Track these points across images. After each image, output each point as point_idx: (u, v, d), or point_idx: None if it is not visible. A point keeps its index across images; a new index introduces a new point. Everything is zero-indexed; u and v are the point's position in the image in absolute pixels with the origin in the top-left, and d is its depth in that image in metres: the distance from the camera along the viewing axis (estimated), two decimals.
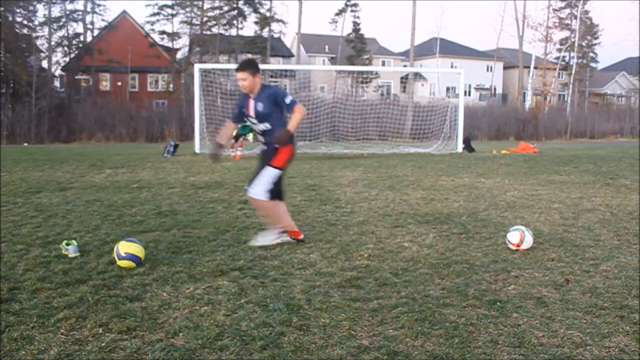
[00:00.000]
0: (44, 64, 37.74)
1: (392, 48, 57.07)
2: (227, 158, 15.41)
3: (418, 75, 48.63)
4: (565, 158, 15.64)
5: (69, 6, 39.37)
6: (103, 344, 2.84)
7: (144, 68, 40.56)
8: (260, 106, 4.84)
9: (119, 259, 4.20)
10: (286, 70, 36.87)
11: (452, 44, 55.91)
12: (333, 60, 47.77)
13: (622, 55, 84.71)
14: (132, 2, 61.42)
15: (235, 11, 41.86)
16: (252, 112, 4.91)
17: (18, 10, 35.71)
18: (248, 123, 5.16)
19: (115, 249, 4.26)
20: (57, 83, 41.01)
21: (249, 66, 4.84)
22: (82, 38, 40.14)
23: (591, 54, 51.39)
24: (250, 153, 16.50)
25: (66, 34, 39.40)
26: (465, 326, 3.10)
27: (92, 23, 40.68)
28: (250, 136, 16.34)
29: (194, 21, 41.19)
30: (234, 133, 15.99)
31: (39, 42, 37.44)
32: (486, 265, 4.36)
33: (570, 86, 47.45)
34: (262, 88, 4.89)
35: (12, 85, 33.57)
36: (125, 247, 4.22)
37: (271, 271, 4.18)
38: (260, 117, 4.89)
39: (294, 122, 4.74)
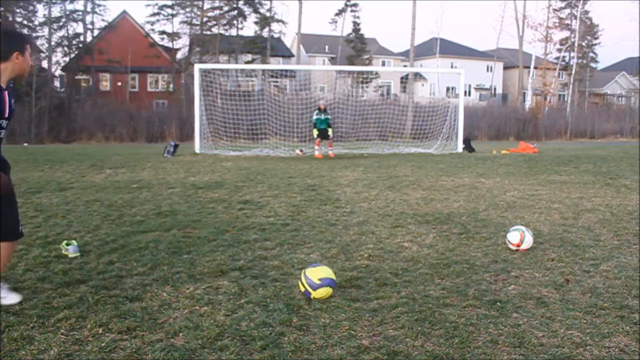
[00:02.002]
0: (44, 64, 37.74)
1: (392, 48, 57.11)
2: (227, 158, 15.42)
3: (418, 76, 48.65)
4: (565, 158, 15.63)
5: (69, 6, 39.38)
6: (103, 344, 2.84)
7: (144, 68, 40.57)
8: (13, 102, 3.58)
9: (315, 289, 3.50)
10: (286, 70, 36.88)
11: (452, 44, 55.92)
12: (333, 60, 47.78)
13: (622, 55, 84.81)
14: (132, 2, 61.47)
15: (235, 11, 41.86)
16: (7, 112, 3.51)
17: (18, 10, 35.74)
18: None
19: (304, 281, 3.54)
20: (57, 83, 40.98)
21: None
22: (82, 38, 40.12)
23: (591, 54, 51.40)
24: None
25: (66, 34, 39.40)
26: (465, 326, 3.10)
27: (92, 23, 40.71)
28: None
29: (194, 21, 41.21)
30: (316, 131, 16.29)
31: (39, 42, 37.42)
32: (486, 266, 4.36)
33: (570, 86, 47.45)
34: None
35: (12, 85, 33.52)
36: (317, 274, 3.54)
37: (271, 271, 4.18)
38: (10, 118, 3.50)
39: None
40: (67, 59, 39.80)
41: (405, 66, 45.66)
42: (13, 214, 3.33)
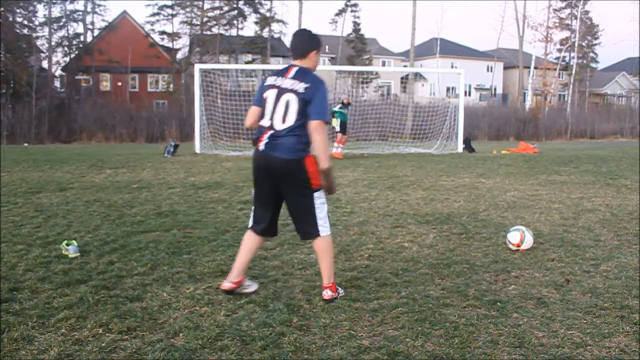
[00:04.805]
0: (44, 64, 37.76)
1: (392, 48, 57.12)
2: (228, 158, 15.42)
3: (418, 76, 48.62)
4: (566, 158, 15.63)
5: (69, 6, 39.33)
6: (103, 344, 2.84)
7: (144, 68, 40.55)
8: None
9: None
10: None
11: (452, 44, 55.90)
12: (333, 61, 47.76)
13: (622, 55, 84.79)
14: (132, 2, 61.48)
15: (236, 11, 41.84)
16: None
17: (18, 11, 35.70)
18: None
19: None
20: (57, 83, 40.98)
21: None
22: (82, 38, 40.11)
23: (591, 54, 51.35)
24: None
25: (66, 34, 39.39)
26: (466, 326, 3.10)
27: (92, 23, 40.71)
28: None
29: (194, 21, 41.18)
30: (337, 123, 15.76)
31: (39, 42, 37.45)
32: (486, 266, 4.36)
33: (571, 86, 47.43)
34: None
35: (12, 85, 33.55)
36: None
37: (271, 271, 4.18)
38: None
39: None
40: (67, 59, 39.81)
41: (405, 66, 45.65)
42: None
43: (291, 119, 3.41)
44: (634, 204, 7.35)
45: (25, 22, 36.87)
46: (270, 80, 3.58)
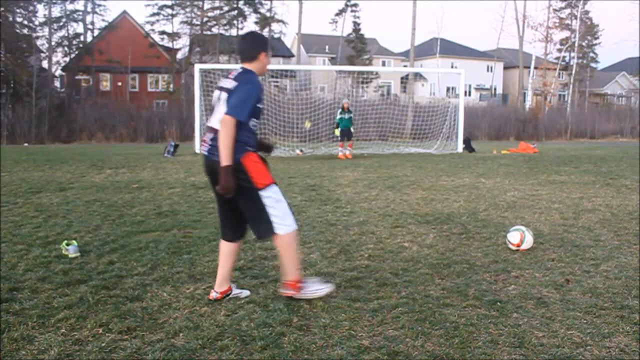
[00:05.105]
0: (44, 64, 37.73)
1: (392, 48, 57.08)
2: None
3: (418, 76, 48.63)
4: (566, 158, 15.63)
5: (69, 6, 39.34)
6: (103, 344, 2.84)
7: (144, 68, 40.54)
8: None
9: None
10: (286, 71, 36.85)
11: (452, 44, 55.89)
12: (333, 61, 47.76)
13: (622, 55, 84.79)
14: (132, 2, 61.44)
15: (236, 11, 41.84)
16: None
17: (18, 11, 35.69)
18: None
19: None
20: (57, 83, 40.98)
21: None
22: (82, 38, 40.10)
23: (591, 54, 51.35)
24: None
25: (66, 34, 39.38)
26: (466, 326, 3.10)
27: (92, 23, 40.68)
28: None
29: (194, 21, 41.18)
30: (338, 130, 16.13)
31: (39, 42, 37.42)
32: (486, 266, 4.36)
33: (571, 86, 47.42)
34: None
35: (12, 85, 33.54)
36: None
37: (271, 271, 4.18)
38: None
39: None
40: (67, 59, 39.81)
41: (405, 66, 45.63)
42: None
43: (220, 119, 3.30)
44: (634, 204, 7.35)
45: (25, 22, 36.86)
46: (220, 82, 3.54)
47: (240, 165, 3.30)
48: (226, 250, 3.55)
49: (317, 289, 3.48)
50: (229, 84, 3.37)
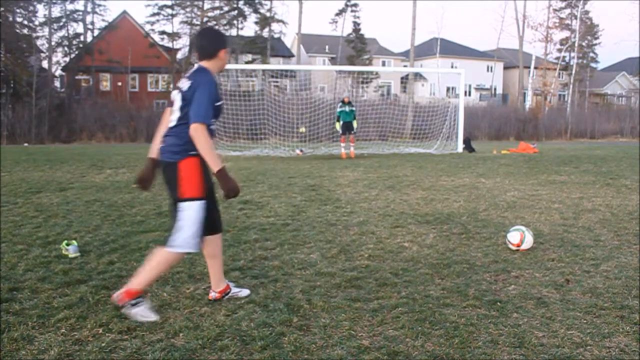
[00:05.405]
0: (44, 64, 37.70)
1: (392, 48, 57.06)
2: (227, 158, 15.42)
3: (418, 76, 48.63)
4: (566, 158, 15.63)
5: (69, 6, 39.27)
6: (103, 344, 2.84)
7: (144, 68, 40.53)
8: None
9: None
10: (286, 71, 36.86)
11: (452, 44, 55.89)
12: (333, 61, 47.76)
13: (622, 55, 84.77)
14: (132, 2, 61.43)
15: (236, 11, 41.83)
16: None
17: (18, 11, 35.67)
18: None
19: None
20: (57, 83, 40.97)
21: None
22: (82, 38, 40.06)
23: (591, 54, 51.35)
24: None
25: (66, 34, 39.34)
26: (466, 326, 3.10)
27: (92, 23, 40.63)
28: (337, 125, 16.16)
29: (194, 21, 41.16)
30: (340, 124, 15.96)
31: (39, 42, 37.39)
32: (486, 266, 4.36)
33: (571, 86, 47.42)
34: None
35: (12, 85, 33.53)
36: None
37: (271, 271, 4.18)
38: None
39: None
40: (67, 59, 39.79)
41: (405, 66, 45.63)
42: None
43: (174, 119, 3.25)
44: (634, 204, 7.35)
45: (25, 22, 36.83)
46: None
47: (176, 167, 3.19)
48: (209, 247, 3.47)
49: (145, 314, 3.18)
50: (183, 84, 3.26)
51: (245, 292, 3.62)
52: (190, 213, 3.20)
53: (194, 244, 3.24)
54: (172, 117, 3.28)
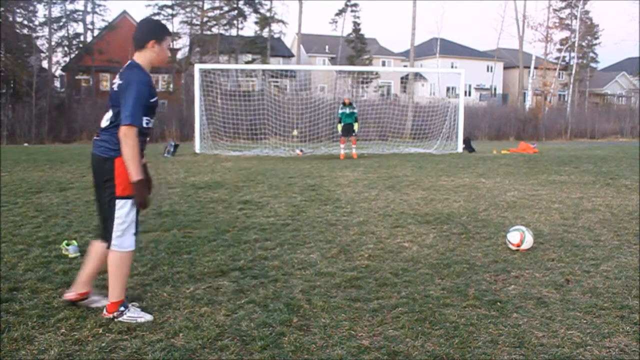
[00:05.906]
0: (44, 64, 37.70)
1: (392, 48, 57.09)
2: (228, 158, 15.42)
3: (418, 76, 48.63)
4: (566, 158, 15.63)
5: (69, 6, 39.30)
6: (103, 344, 2.84)
7: None
8: None
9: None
10: (286, 71, 36.86)
11: (452, 44, 55.90)
12: (333, 61, 47.77)
13: (622, 55, 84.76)
14: (132, 2, 61.42)
15: (236, 11, 41.85)
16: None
17: (18, 11, 35.68)
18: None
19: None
20: (57, 83, 40.96)
21: None
22: (82, 38, 40.10)
23: (591, 54, 51.36)
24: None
25: (66, 34, 39.36)
26: (466, 326, 3.10)
27: (92, 23, 40.67)
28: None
29: (194, 21, 41.19)
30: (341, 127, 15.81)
31: (39, 42, 37.40)
32: (486, 266, 4.36)
33: (571, 86, 47.43)
34: None
35: (12, 85, 33.54)
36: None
37: (271, 271, 4.18)
38: None
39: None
40: (67, 59, 39.80)
41: (405, 66, 45.64)
42: None
43: (107, 117, 3.20)
44: (634, 204, 7.35)
45: (25, 22, 36.84)
46: None
47: (112, 163, 3.12)
48: (99, 251, 3.34)
49: (137, 316, 3.18)
50: (115, 82, 3.18)
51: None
52: (127, 210, 3.17)
53: (132, 242, 3.24)
54: (105, 116, 3.23)
